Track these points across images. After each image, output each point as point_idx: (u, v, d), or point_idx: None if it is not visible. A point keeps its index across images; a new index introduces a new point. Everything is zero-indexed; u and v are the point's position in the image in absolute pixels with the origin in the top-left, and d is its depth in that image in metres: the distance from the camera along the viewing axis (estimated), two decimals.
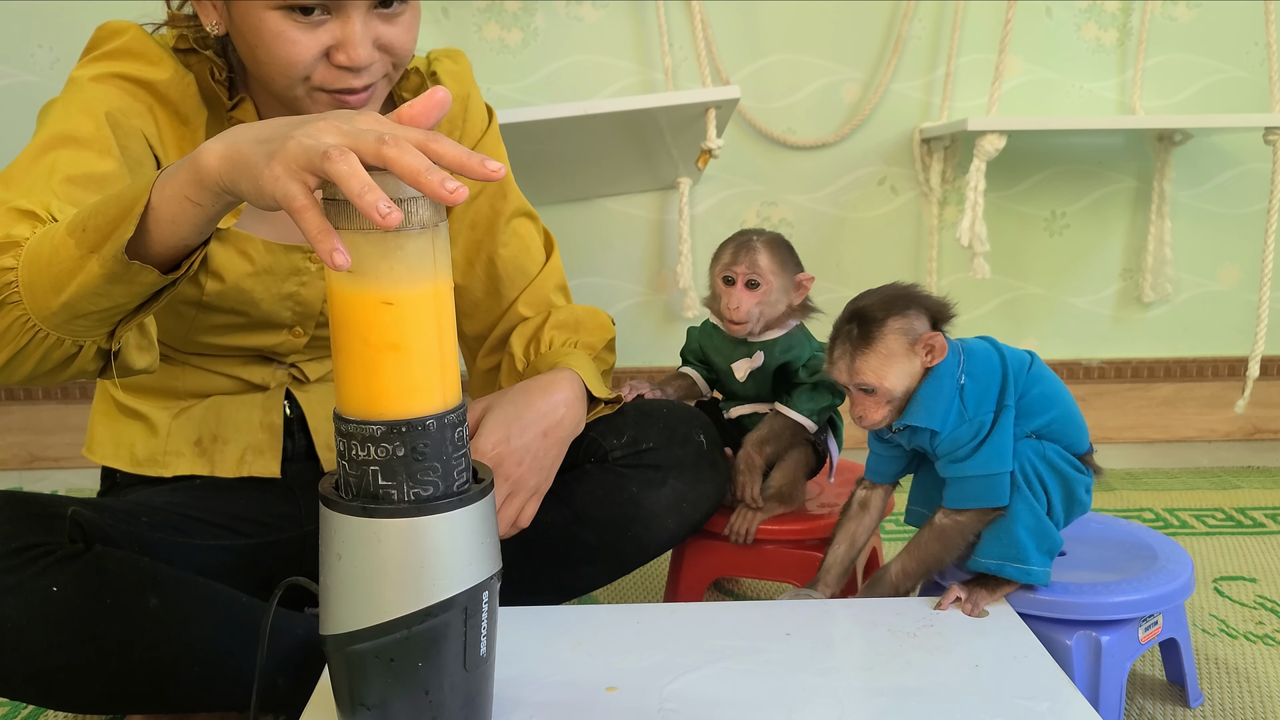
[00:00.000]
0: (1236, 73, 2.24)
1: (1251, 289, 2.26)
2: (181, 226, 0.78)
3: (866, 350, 1.09)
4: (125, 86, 1.04)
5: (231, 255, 1.10)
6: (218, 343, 1.16)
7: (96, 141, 0.98)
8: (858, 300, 1.12)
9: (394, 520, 0.75)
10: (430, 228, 0.73)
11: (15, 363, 0.85)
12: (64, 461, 2.27)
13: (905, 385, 1.09)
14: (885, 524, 1.77)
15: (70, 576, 0.94)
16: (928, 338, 1.08)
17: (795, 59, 2.20)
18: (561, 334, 1.25)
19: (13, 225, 0.86)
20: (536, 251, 1.30)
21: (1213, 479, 2.08)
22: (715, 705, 0.90)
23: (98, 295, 0.80)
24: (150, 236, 0.78)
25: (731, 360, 1.31)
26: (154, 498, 1.14)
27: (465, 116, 1.24)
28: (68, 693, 0.97)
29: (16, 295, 0.83)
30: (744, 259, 1.27)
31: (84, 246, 0.79)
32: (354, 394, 0.75)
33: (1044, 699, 0.90)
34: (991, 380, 1.09)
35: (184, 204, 0.76)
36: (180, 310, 1.12)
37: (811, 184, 2.26)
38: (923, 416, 1.08)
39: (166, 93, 1.06)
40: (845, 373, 1.10)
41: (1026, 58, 2.21)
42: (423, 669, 0.77)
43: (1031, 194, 2.28)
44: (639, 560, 1.25)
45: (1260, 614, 1.46)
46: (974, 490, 1.08)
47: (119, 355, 0.89)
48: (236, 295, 1.12)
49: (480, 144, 1.25)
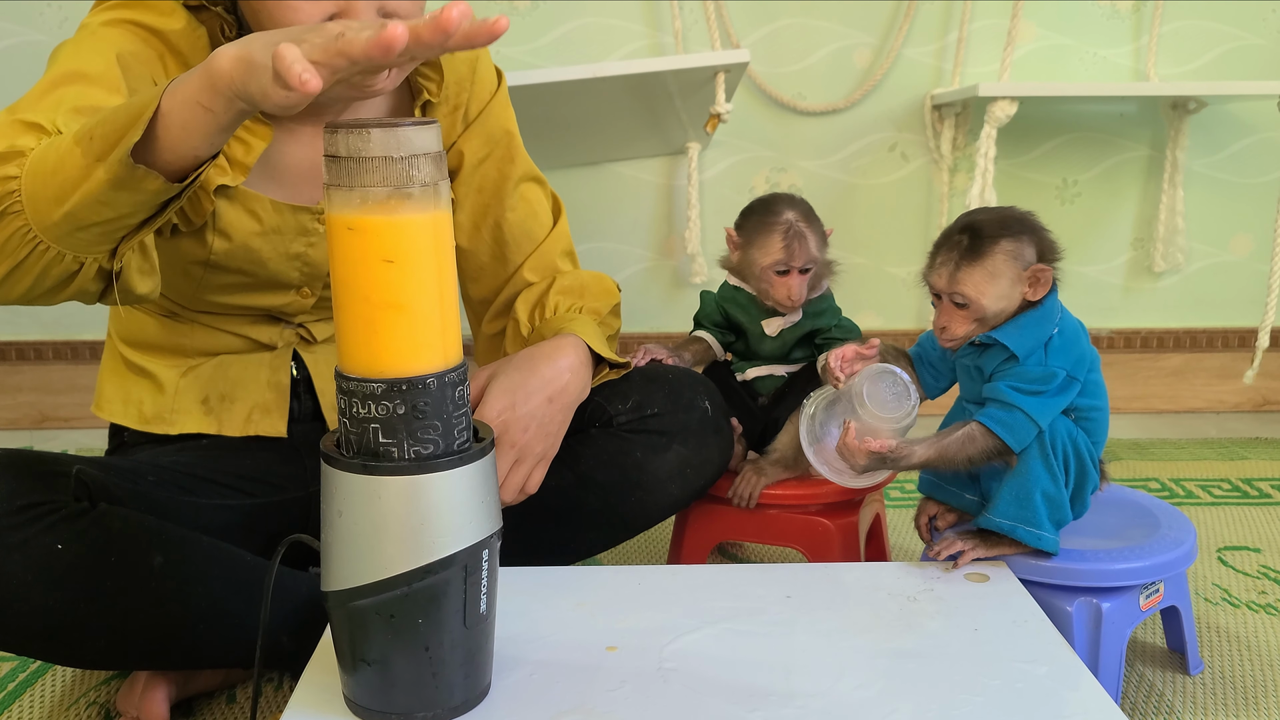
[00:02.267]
0: (1253, 40, 2.21)
1: (1263, 259, 2.24)
2: (192, 134, 0.77)
3: (973, 263, 1.07)
4: (137, 33, 1.03)
5: (240, 214, 1.10)
6: (226, 301, 1.17)
7: (106, 79, 0.97)
8: (972, 214, 1.11)
9: (394, 478, 0.75)
10: (431, 185, 0.73)
11: (14, 277, 0.84)
12: (74, 421, 2.29)
13: (999, 308, 1.08)
14: (889, 491, 1.78)
15: (75, 534, 0.95)
16: (1037, 269, 1.07)
17: (806, 23, 2.19)
18: (567, 299, 1.25)
19: (17, 136, 0.85)
20: (544, 216, 1.30)
21: (1220, 450, 2.07)
22: (715, 665, 0.90)
23: (101, 204, 0.79)
24: (159, 144, 0.78)
25: (762, 318, 1.31)
26: (160, 456, 1.15)
27: (474, 78, 1.23)
28: (73, 648, 0.98)
29: (18, 205, 0.82)
30: (799, 253, 1.28)
31: (90, 155, 0.78)
32: (355, 352, 0.76)
33: (1043, 664, 0.90)
34: (1076, 346, 1.08)
35: (195, 109, 0.76)
36: (188, 269, 1.12)
37: (822, 150, 2.25)
38: (1015, 338, 1.07)
39: (177, 43, 1.05)
40: (945, 280, 1.08)
41: (1040, 23, 2.19)
42: (423, 625, 0.78)
43: (1043, 161, 2.26)
44: (642, 525, 1.26)
45: (1263, 583, 1.46)
46: (1008, 420, 1.06)
47: (120, 277, 0.88)
48: (244, 254, 1.12)
49: (489, 106, 1.25)
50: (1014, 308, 1.09)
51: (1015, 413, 1.05)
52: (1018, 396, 1.05)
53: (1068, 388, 1.07)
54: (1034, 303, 1.08)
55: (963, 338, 1.10)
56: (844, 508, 1.30)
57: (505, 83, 1.28)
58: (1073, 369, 1.07)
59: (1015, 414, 1.05)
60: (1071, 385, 1.07)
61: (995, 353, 1.09)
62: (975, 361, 1.11)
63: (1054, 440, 1.07)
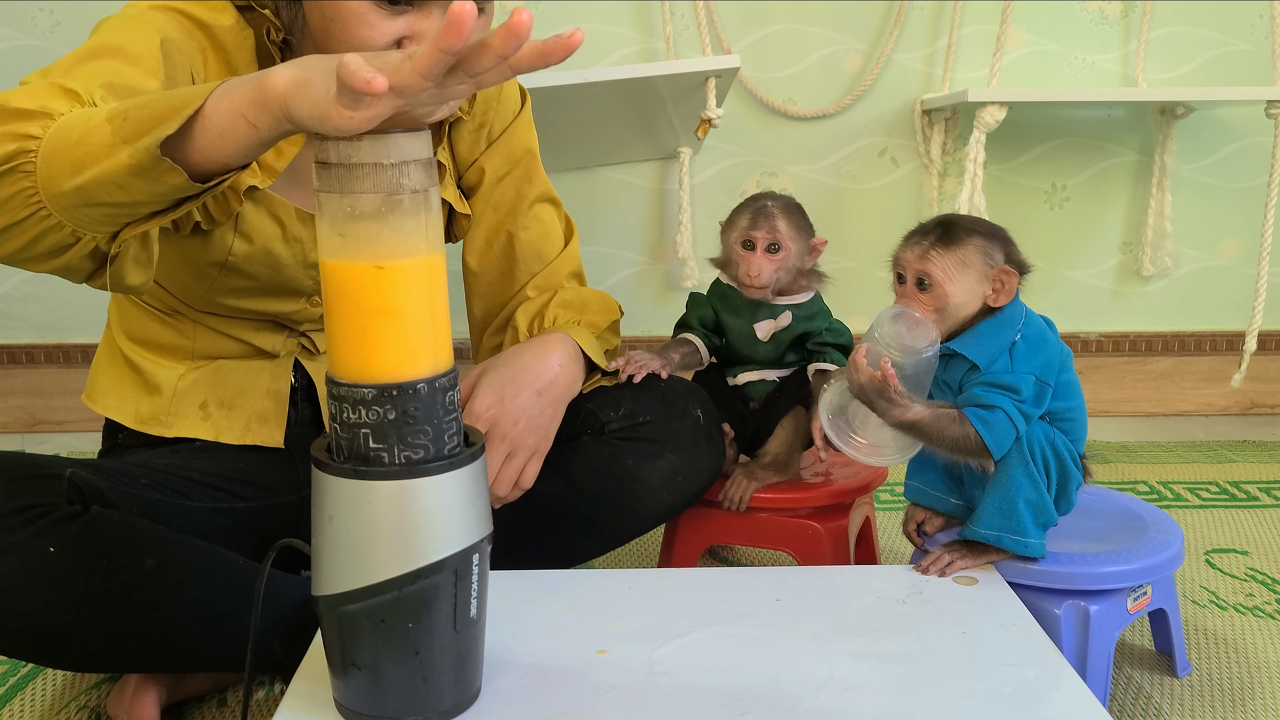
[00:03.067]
0: (1240, 46, 2.22)
1: (1251, 264, 2.25)
2: (229, 143, 0.76)
3: (946, 248, 1.08)
4: (184, 23, 1.01)
5: (264, 218, 1.10)
6: (235, 304, 1.16)
7: (145, 61, 0.94)
8: (951, 214, 1.13)
9: (385, 483, 0.75)
10: (422, 192, 0.74)
11: (6, 235, 0.81)
12: (66, 425, 2.28)
13: (961, 302, 1.09)
14: (879, 494, 1.79)
15: (67, 537, 0.95)
16: (1004, 269, 1.08)
17: (797, 29, 2.19)
18: (566, 312, 1.25)
19: (51, 99, 0.83)
20: (556, 238, 1.30)
21: (1208, 453, 2.08)
22: (704, 669, 0.91)
23: (116, 186, 0.77)
24: (192, 144, 0.76)
25: (753, 321, 1.32)
26: (153, 459, 1.15)
27: (500, 97, 1.23)
28: (65, 652, 0.98)
29: (31, 165, 0.79)
30: (763, 225, 1.27)
31: (119, 135, 0.76)
32: (346, 357, 0.76)
33: (1031, 667, 0.91)
34: (1042, 350, 1.09)
35: (239, 120, 0.74)
36: (203, 270, 1.11)
37: (812, 155, 2.25)
38: (973, 348, 1.08)
39: (224, 39, 1.03)
40: (913, 260, 1.10)
41: (1029, 29, 2.20)
42: (413, 630, 0.78)
43: (1032, 166, 2.27)
44: (634, 532, 1.26)
45: (1251, 586, 1.47)
46: (989, 419, 1.06)
47: (114, 262, 0.86)
48: (264, 258, 1.11)
49: (513, 125, 1.25)
50: (974, 309, 1.10)
51: (996, 412, 1.06)
52: (996, 396, 1.06)
53: (1040, 396, 1.08)
54: (993, 310, 1.10)
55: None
56: (834, 511, 1.31)
57: (529, 103, 1.28)
58: (1041, 373, 1.08)
59: (996, 414, 1.06)
60: (1044, 392, 1.08)
61: (957, 364, 1.10)
62: (941, 375, 1.12)
63: (1032, 446, 1.08)
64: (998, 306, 1.09)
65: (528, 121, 1.28)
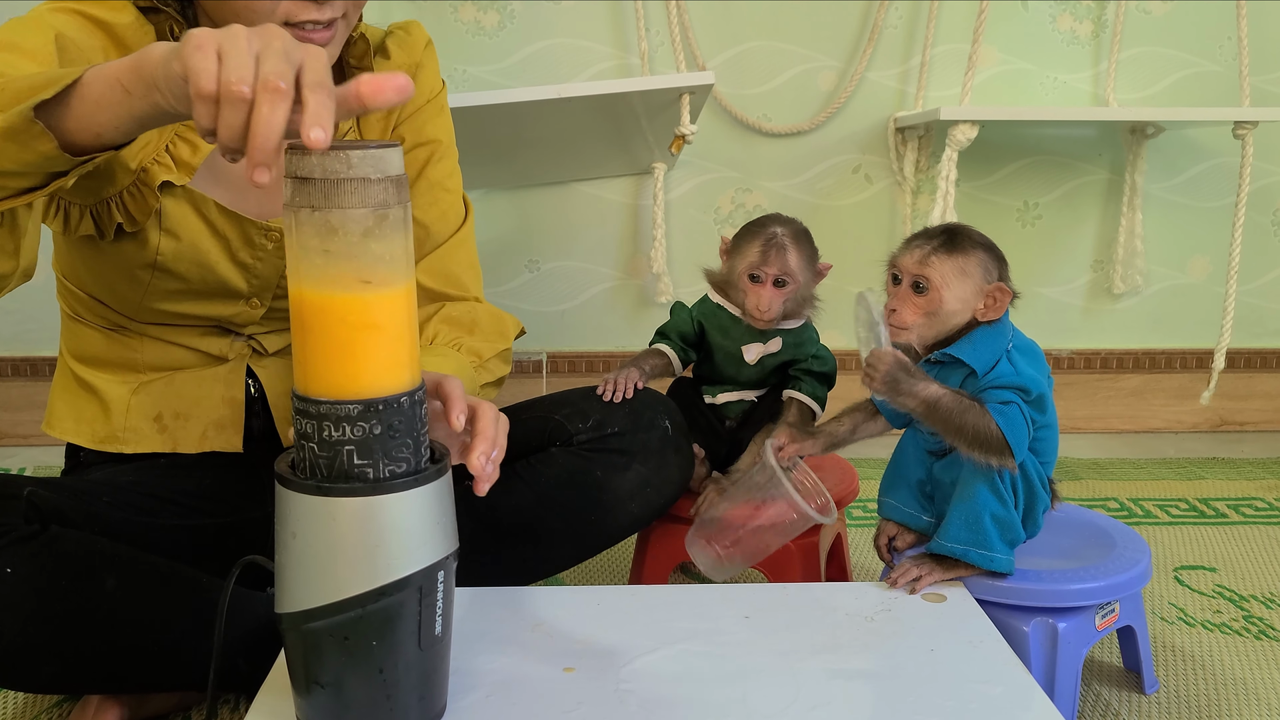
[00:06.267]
0: (1209, 66, 2.25)
1: (1220, 282, 2.27)
2: (102, 109, 0.75)
3: (948, 254, 1.10)
4: (83, 23, 1.02)
5: (188, 213, 1.09)
6: (174, 310, 1.15)
7: (40, 55, 0.95)
8: (953, 224, 1.15)
9: (349, 499, 0.75)
10: (402, 205, 0.74)
11: None
12: (32, 439, 2.26)
13: (953, 310, 1.10)
14: (851, 509, 1.79)
15: (26, 557, 0.94)
16: (999, 286, 1.10)
17: (771, 46, 2.20)
18: (450, 331, 1.21)
19: None
20: (452, 220, 1.26)
21: (1178, 470, 2.10)
22: (672, 685, 0.90)
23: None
24: (69, 111, 0.76)
25: (742, 343, 1.31)
26: (116, 476, 1.14)
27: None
28: (24, 673, 0.97)
29: None
30: (774, 260, 1.27)
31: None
32: (326, 375, 0.75)
33: (998, 684, 0.91)
34: (1036, 359, 1.12)
35: (114, 87, 0.74)
36: (136, 274, 1.10)
37: (786, 171, 2.26)
38: (969, 353, 1.09)
39: (124, 36, 1.04)
40: (913, 261, 1.11)
41: (1001, 48, 2.22)
42: (377, 648, 0.77)
43: (1004, 184, 2.29)
44: (603, 544, 1.26)
45: (1219, 603, 1.48)
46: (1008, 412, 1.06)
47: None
48: (193, 254, 1.11)
49: (420, 111, 1.24)
50: (963, 320, 1.11)
51: (1013, 407, 1.06)
52: (1009, 394, 1.07)
53: (1043, 401, 1.09)
54: (978, 325, 1.11)
55: (908, 326, 1.11)
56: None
57: (445, 93, 1.28)
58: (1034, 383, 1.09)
59: (1012, 408, 1.06)
60: (1042, 401, 1.09)
61: (954, 371, 1.10)
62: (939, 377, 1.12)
63: None
64: (985, 321, 1.10)
65: (440, 109, 1.27)
